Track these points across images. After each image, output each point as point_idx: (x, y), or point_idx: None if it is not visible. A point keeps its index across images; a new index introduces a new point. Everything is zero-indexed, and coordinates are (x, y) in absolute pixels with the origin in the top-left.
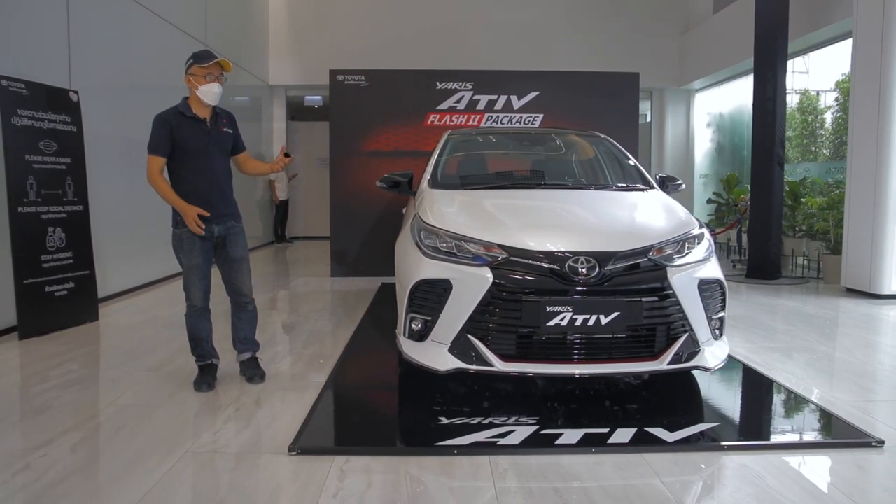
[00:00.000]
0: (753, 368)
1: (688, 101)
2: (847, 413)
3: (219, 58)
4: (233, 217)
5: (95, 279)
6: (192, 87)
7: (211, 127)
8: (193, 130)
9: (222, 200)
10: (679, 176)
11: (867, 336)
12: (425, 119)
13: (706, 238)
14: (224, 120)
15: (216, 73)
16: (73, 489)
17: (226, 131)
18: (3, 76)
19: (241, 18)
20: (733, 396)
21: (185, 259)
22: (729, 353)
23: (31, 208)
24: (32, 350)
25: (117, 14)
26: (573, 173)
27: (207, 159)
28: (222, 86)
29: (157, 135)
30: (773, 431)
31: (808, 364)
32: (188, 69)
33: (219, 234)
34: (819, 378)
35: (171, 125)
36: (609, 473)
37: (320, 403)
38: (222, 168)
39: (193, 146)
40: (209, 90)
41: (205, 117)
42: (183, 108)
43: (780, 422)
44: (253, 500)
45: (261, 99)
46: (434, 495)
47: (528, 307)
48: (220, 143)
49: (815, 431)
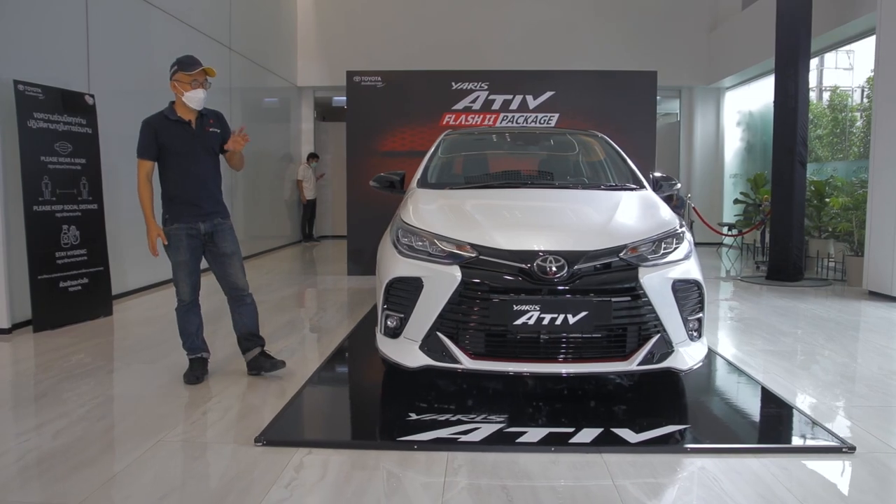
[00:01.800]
0: (742, 370)
1: (717, 99)
2: (829, 418)
3: (203, 65)
4: (220, 214)
5: (109, 275)
6: (178, 92)
7: (196, 129)
8: (178, 133)
9: (209, 200)
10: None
11: (877, 340)
12: (441, 119)
13: (686, 238)
14: (210, 120)
15: (201, 80)
16: (45, 472)
17: (212, 131)
18: (19, 81)
19: (268, 22)
20: (713, 398)
21: (173, 255)
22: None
23: (45, 207)
24: (43, 342)
25: (137, 19)
26: (565, 173)
27: (193, 160)
28: (207, 91)
29: (143, 139)
30: (744, 434)
31: (803, 368)
32: (173, 75)
33: (206, 230)
34: (811, 382)
35: (156, 129)
36: (563, 473)
37: (297, 398)
38: (209, 168)
39: (179, 148)
40: (194, 96)
41: (189, 119)
42: (168, 113)
43: (754, 425)
44: (209, 487)
45: (289, 100)
46: (382, 488)
47: (496, 305)
48: (206, 143)
49: (788, 435)
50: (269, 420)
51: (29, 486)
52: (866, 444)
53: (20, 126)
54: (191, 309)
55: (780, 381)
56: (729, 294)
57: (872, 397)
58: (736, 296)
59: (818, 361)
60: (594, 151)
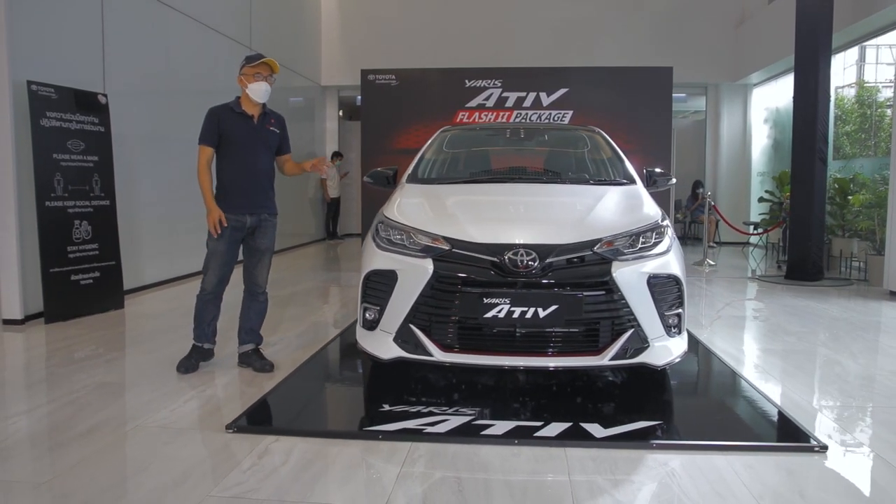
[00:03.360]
0: (733, 368)
1: (744, 96)
2: (811, 418)
3: (266, 58)
4: (267, 210)
5: (121, 269)
6: (243, 85)
7: (258, 124)
8: (240, 125)
9: (261, 194)
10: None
11: (885, 341)
12: (455, 116)
13: (667, 233)
14: (272, 120)
15: (264, 73)
16: (23, 452)
17: (272, 130)
18: (32, 81)
19: (291, 22)
20: (695, 395)
21: (212, 243)
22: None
23: (57, 203)
24: (52, 333)
25: (153, 21)
26: (555, 168)
27: (251, 153)
28: (271, 86)
29: (206, 126)
30: (717, 432)
31: (800, 367)
32: (241, 70)
33: (251, 224)
34: (803, 382)
35: (219, 118)
36: (521, 466)
37: (278, 388)
38: (264, 163)
39: (238, 139)
40: (257, 88)
41: (253, 114)
42: (233, 105)
43: (731, 422)
44: (171, 470)
45: (314, 99)
46: (337, 475)
47: (466, 298)
48: (265, 139)
49: (761, 433)
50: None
51: (4, 465)
52: (842, 444)
53: (33, 125)
54: (212, 300)
55: (771, 381)
56: (744, 293)
57: (864, 398)
58: (750, 295)
59: (817, 361)
60: (590, 147)
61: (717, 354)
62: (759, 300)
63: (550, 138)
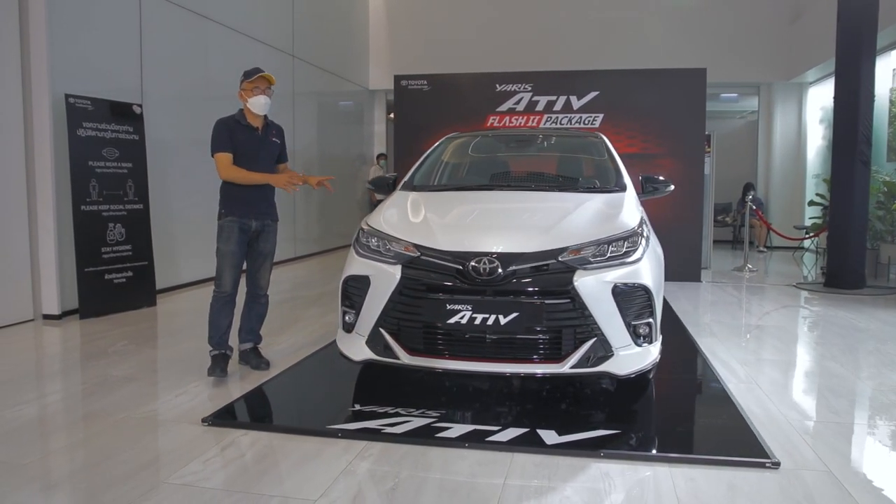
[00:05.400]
0: (718, 377)
1: (799, 95)
2: (779, 433)
3: (264, 72)
4: (270, 217)
5: (154, 269)
6: (243, 100)
7: (263, 135)
8: (246, 137)
9: (263, 201)
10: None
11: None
12: (485, 121)
13: (640, 241)
14: (273, 131)
15: (262, 87)
16: (18, 436)
17: (274, 141)
18: (70, 94)
19: (338, 30)
20: (667, 404)
21: (222, 245)
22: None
23: (92, 207)
24: (84, 328)
25: (191, 32)
26: (547, 175)
27: (255, 163)
28: (270, 98)
29: (220, 136)
30: (674, 442)
31: (793, 379)
32: (240, 85)
33: (255, 228)
34: (790, 394)
35: (230, 129)
36: (463, 468)
37: (264, 385)
38: (267, 172)
39: (245, 150)
40: (257, 101)
41: (257, 126)
42: (239, 117)
43: (691, 434)
44: (140, 457)
45: (362, 104)
46: (284, 469)
47: (430, 304)
48: (268, 150)
49: (718, 447)
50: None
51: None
52: (799, 461)
53: (70, 134)
54: (227, 303)
55: (755, 393)
56: (772, 301)
57: (847, 414)
58: (778, 303)
59: (815, 373)
60: (589, 153)
61: (711, 363)
62: (785, 308)
63: (551, 145)
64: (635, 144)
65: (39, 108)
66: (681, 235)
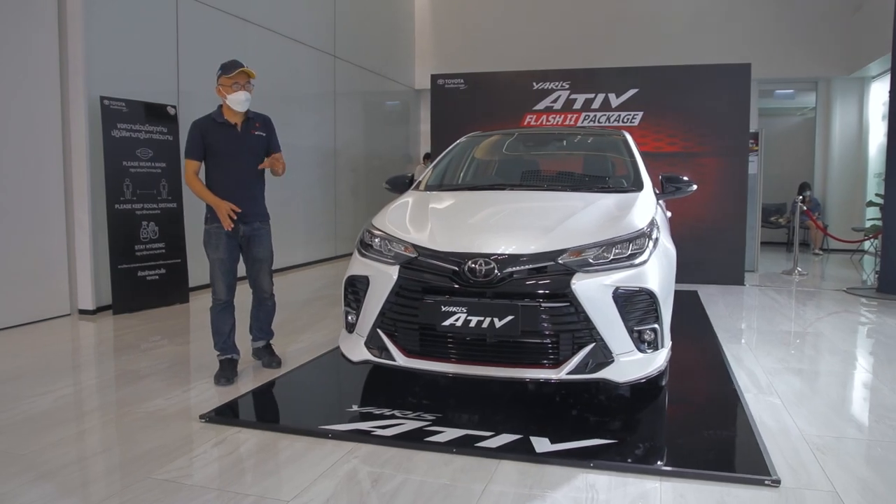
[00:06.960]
0: (735, 388)
1: (861, 90)
2: (789, 449)
3: (243, 66)
4: (259, 219)
5: (186, 267)
6: (222, 96)
7: (242, 131)
8: (224, 135)
9: (250, 202)
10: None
11: None
12: (522, 120)
13: (647, 243)
14: (257, 124)
15: (242, 82)
16: (25, 426)
17: (258, 135)
18: (104, 97)
19: (383, 32)
20: (674, 414)
21: (211, 253)
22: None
23: (126, 205)
24: (117, 323)
25: (229, 34)
26: (561, 175)
27: (235, 162)
28: (250, 93)
29: (190, 141)
30: (672, 456)
31: (818, 391)
32: (217, 80)
33: (244, 233)
34: (813, 408)
35: (202, 131)
36: (446, 473)
37: (268, 384)
38: (252, 170)
39: (223, 150)
40: (236, 98)
41: (236, 122)
42: (215, 115)
43: (693, 447)
44: (133, 451)
45: (408, 103)
46: (268, 467)
47: (426, 306)
48: (250, 146)
49: (718, 462)
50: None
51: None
52: (803, 480)
53: (104, 135)
54: (225, 309)
55: (773, 404)
56: (816, 307)
57: (872, 431)
58: (823, 308)
59: (846, 386)
60: (607, 151)
61: (732, 371)
62: (829, 314)
63: (569, 144)
64: (676, 143)
65: (76, 110)
66: (722, 237)
